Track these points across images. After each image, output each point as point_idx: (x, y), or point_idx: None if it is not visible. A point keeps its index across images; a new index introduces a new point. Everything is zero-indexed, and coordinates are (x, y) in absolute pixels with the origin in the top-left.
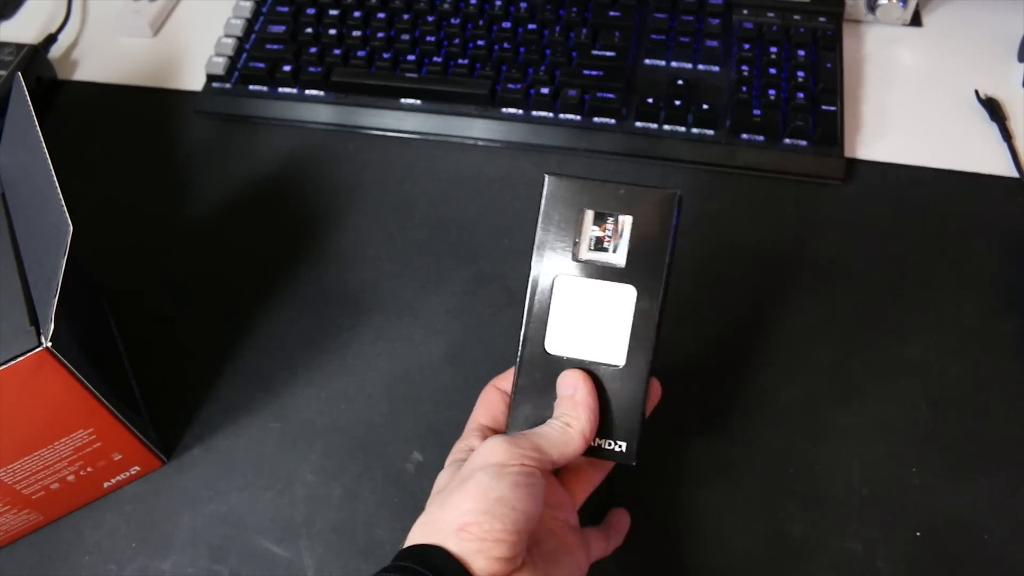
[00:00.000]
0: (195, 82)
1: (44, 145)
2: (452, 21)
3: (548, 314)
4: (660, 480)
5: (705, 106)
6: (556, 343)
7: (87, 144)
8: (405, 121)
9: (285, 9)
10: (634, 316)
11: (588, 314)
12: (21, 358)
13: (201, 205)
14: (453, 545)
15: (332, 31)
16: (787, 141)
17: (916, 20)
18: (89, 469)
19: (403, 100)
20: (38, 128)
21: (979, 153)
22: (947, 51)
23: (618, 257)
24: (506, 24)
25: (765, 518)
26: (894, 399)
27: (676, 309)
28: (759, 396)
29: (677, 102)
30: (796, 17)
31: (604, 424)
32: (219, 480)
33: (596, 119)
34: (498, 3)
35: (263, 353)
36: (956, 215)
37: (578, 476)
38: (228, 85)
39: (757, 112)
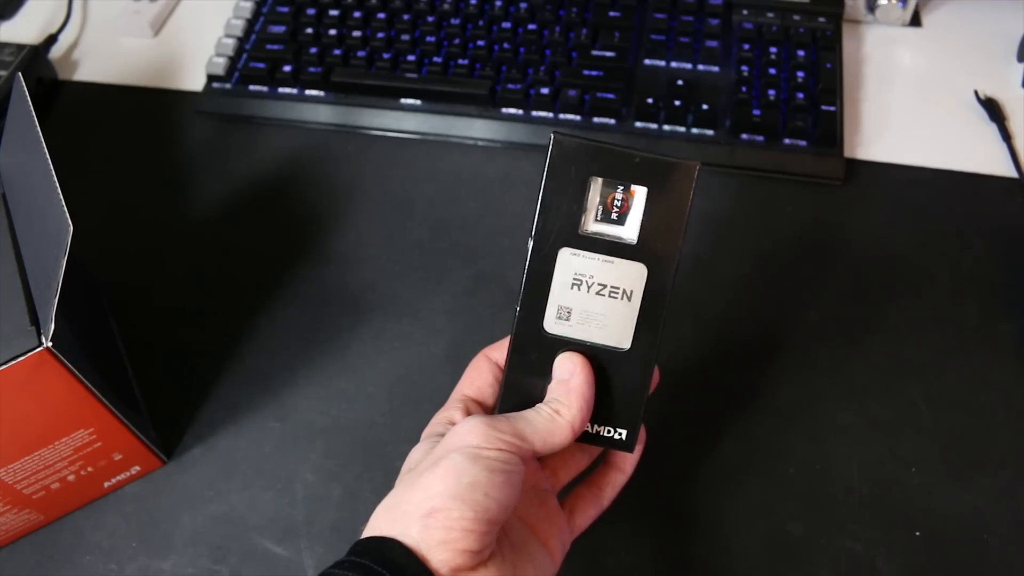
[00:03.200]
0: (195, 82)
1: (44, 145)
2: (452, 21)
3: (549, 290)
4: (660, 480)
5: (705, 106)
6: (555, 322)
7: (87, 144)
8: (405, 121)
9: (285, 9)
10: (643, 297)
11: (592, 292)
12: (22, 358)
13: (201, 205)
14: (416, 532)
15: (332, 31)
16: (787, 141)
17: (916, 20)
18: (89, 469)
19: (403, 100)
20: (38, 128)
21: (978, 153)
22: (947, 51)
23: (629, 231)
24: (506, 24)
25: (765, 518)
26: (894, 399)
27: (676, 309)
28: (759, 396)
29: (677, 102)
30: (796, 17)
31: (603, 410)
32: (219, 480)
33: (596, 119)
34: (498, 3)
35: (263, 353)
36: (956, 215)
37: (563, 458)
38: (228, 85)
39: (757, 112)
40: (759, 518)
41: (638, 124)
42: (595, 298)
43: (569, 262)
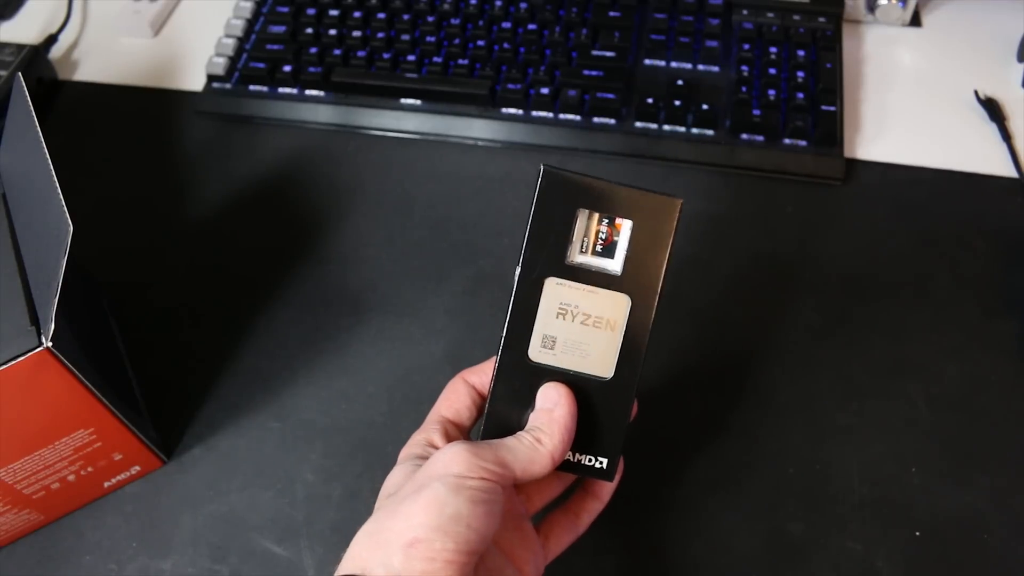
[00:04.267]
0: (195, 82)
1: (44, 145)
2: (452, 21)
3: (535, 319)
4: (660, 480)
5: (705, 106)
6: (540, 350)
7: (87, 144)
8: (405, 121)
9: (285, 9)
10: (626, 328)
11: (577, 322)
12: (22, 358)
13: (201, 205)
14: (398, 562)
15: (332, 31)
16: (787, 141)
17: (916, 20)
18: (89, 469)
19: (403, 100)
20: (38, 128)
21: (978, 153)
22: (947, 51)
23: (614, 263)
24: (506, 24)
25: (765, 518)
26: (894, 399)
27: (676, 309)
28: (759, 396)
29: (677, 102)
30: (796, 17)
31: (584, 438)
32: (219, 480)
33: (596, 119)
34: (498, 3)
35: (263, 353)
36: (956, 215)
37: (538, 483)
38: (228, 85)
39: (757, 112)
40: (759, 518)
41: (638, 124)
42: (580, 327)
43: (555, 292)
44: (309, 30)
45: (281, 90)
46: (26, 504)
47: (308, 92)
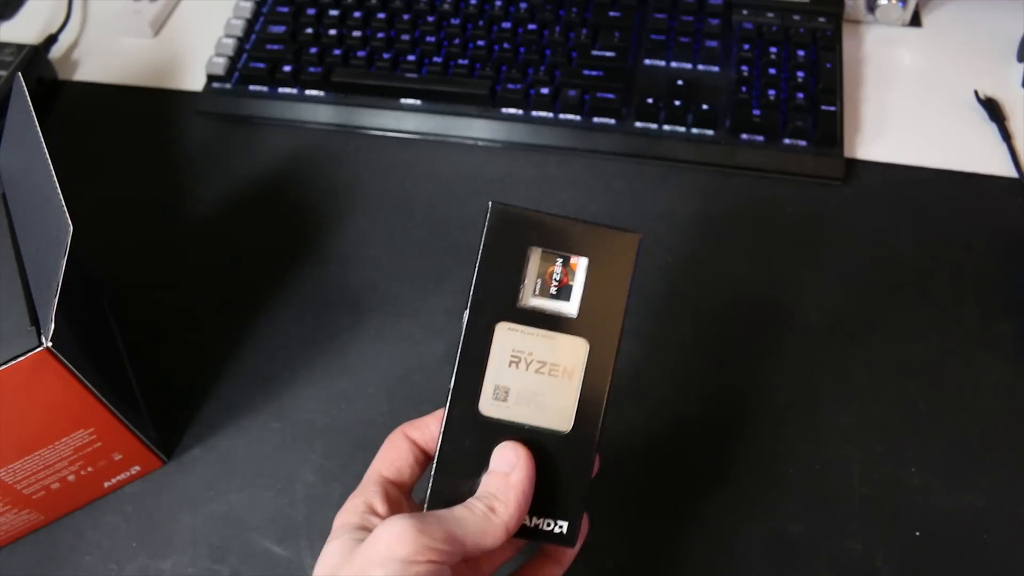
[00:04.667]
0: (195, 82)
1: (44, 145)
2: (452, 21)
3: (484, 368)
4: (660, 480)
5: (705, 106)
6: (491, 403)
7: (87, 144)
8: (405, 121)
9: (285, 9)
10: (585, 375)
11: (531, 370)
12: (21, 358)
13: (201, 205)
14: None
15: (332, 31)
16: (787, 141)
17: (916, 20)
18: (89, 469)
19: (403, 100)
20: (38, 128)
21: (979, 153)
22: (947, 51)
23: (569, 305)
24: (506, 24)
25: (765, 518)
26: (894, 399)
27: (676, 309)
28: (759, 396)
29: (677, 102)
30: (796, 17)
31: (542, 500)
32: (219, 480)
33: (596, 119)
34: (498, 3)
35: (263, 353)
36: (955, 215)
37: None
38: (228, 85)
39: (757, 112)
40: (759, 518)
41: (638, 124)
42: (535, 376)
43: (507, 338)
44: (309, 30)
45: (281, 90)
46: (26, 504)
47: (308, 92)
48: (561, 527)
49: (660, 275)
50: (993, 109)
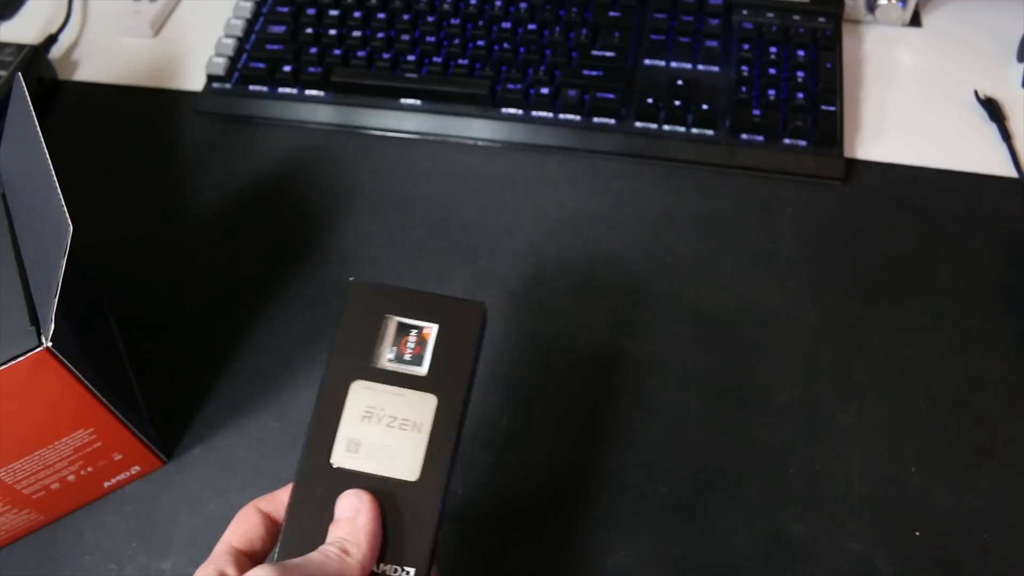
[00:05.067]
0: (195, 82)
1: (44, 145)
2: (452, 21)
3: (339, 422)
4: (660, 480)
5: (705, 106)
6: (344, 455)
7: (87, 144)
8: (405, 121)
9: (285, 9)
10: (432, 427)
11: (383, 424)
12: (21, 358)
13: (201, 205)
14: None
15: (332, 31)
16: (787, 141)
17: (916, 20)
18: (89, 469)
19: (403, 100)
20: (38, 128)
21: (978, 153)
22: (946, 51)
23: (420, 367)
24: (506, 24)
25: (765, 518)
26: (894, 399)
27: (676, 309)
28: (759, 396)
29: (677, 102)
30: (796, 17)
31: (391, 546)
32: (219, 480)
33: (596, 119)
34: (498, 3)
35: (263, 353)
36: (955, 215)
37: None
38: (228, 85)
39: (757, 112)
40: (759, 518)
41: (638, 124)
42: (385, 430)
43: (361, 395)
44: (309, 30)
45: (281, 90)
46: (26, 504)
47: (308, 92)
48: (408, 572)
49: (660, 275)
50: (993, 109)
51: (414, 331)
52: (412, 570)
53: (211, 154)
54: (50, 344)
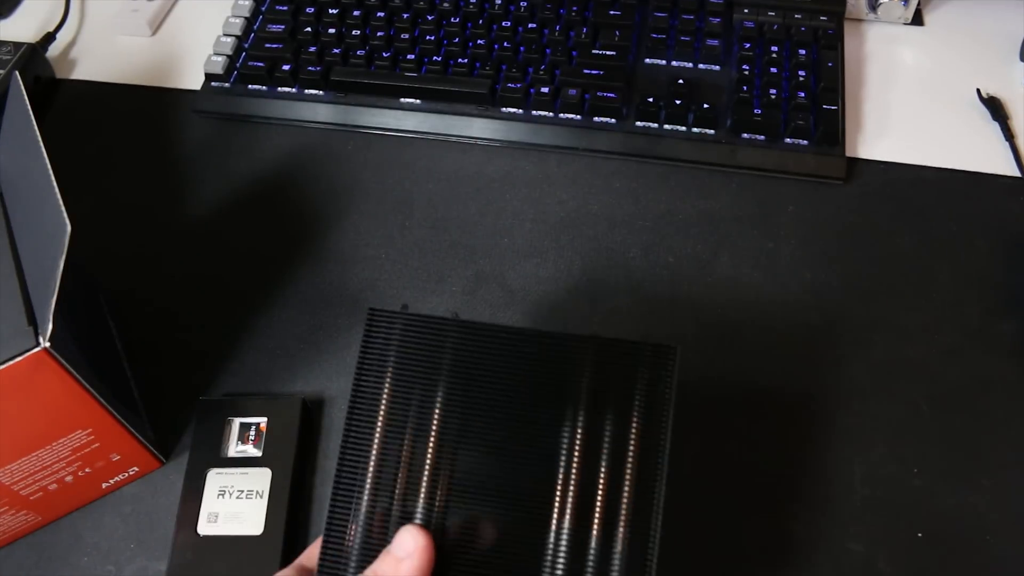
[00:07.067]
0: (194, 81)
1: (42, 144)
2: (452, 20)
3: (201, 501)
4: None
5: (706, 105)
6: (206, 524)
7: (85, 143)
8: (405, 120)
9: (284, 8)
10: (270, 492)
11: (233, 497)
12: (19, 358)
13: (200, 205)
14: None
15: (331, 30)
16: (788, 140)
17: (918, 19)
18: (87, 470)
19: (403, 99)
20: (36, 127)
21: (981, 152)
22: (949, 50)
23: (257, 449)
24: (506, 23)
25: (765, 518)
26: (894, 399)
27: (676, 310)
28: (759, 396)
29: (677, 101)
30: (797, 16)
31: None
32: None
33: (596, 118)
34: (498, 2)
35: (263, 353)
36: (957, 214)
37: None
38: (227, 84)
39: (758, 111)
40: (760, 518)
41: (639, 123)
42: (235, 501)
43: (215, 479)
44: (308, 29)
45: (280, 89)
46: (24, 505)
47: (307, 91)
48: None
49: (660, 275)
50: (995, 108)
51: (253, 427)
52: None
53: (209, 153)
54: (48, 344)
